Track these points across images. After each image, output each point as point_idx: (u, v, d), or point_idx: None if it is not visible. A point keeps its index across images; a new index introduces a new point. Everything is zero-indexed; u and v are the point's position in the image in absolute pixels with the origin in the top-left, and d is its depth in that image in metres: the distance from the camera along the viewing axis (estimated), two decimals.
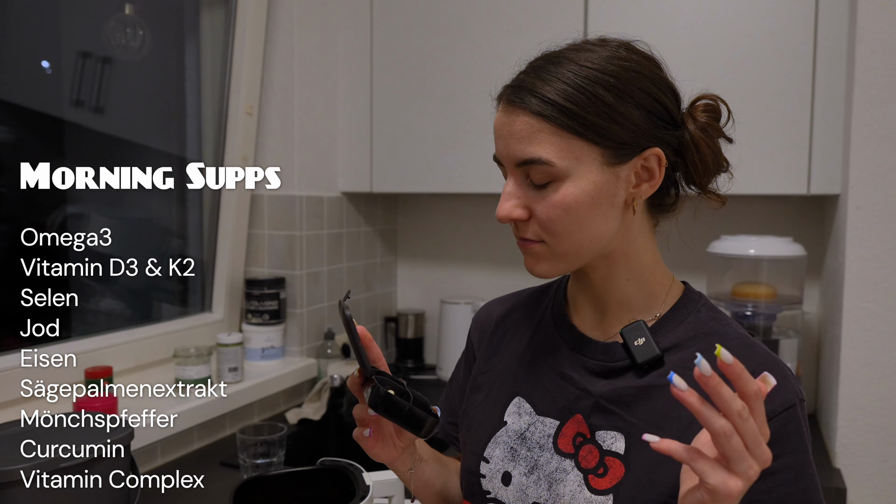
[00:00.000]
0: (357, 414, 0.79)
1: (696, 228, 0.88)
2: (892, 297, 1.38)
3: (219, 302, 1.86)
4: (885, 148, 1.37)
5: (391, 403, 0.72)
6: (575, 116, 0.71)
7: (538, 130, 0.72)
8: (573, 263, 0.77)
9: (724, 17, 1.60)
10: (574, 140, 0.72)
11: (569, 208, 0.72)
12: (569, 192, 0.72)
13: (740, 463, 0.55)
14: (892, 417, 1.39)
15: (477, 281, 2.22)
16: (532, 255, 0.78)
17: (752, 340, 0.77)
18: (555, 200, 0.73)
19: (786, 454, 0.70)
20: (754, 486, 0.69)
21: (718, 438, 0.55)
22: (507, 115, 0.75)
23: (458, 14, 1.85)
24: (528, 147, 0.72)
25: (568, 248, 0.75)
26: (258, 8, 1.80)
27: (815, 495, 0.71)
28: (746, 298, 1.65)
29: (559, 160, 0.72)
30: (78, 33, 1.63)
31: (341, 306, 0.73)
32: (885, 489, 1.40)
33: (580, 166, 0.72)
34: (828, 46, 1.52)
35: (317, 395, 1.76)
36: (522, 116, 0.73)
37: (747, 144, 1.58)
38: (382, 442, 0.81)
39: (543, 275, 0.78)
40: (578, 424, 0.78)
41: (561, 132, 0.71)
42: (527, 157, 0.73)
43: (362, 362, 0.75)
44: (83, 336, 1.53)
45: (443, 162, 1.89)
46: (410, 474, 0.85)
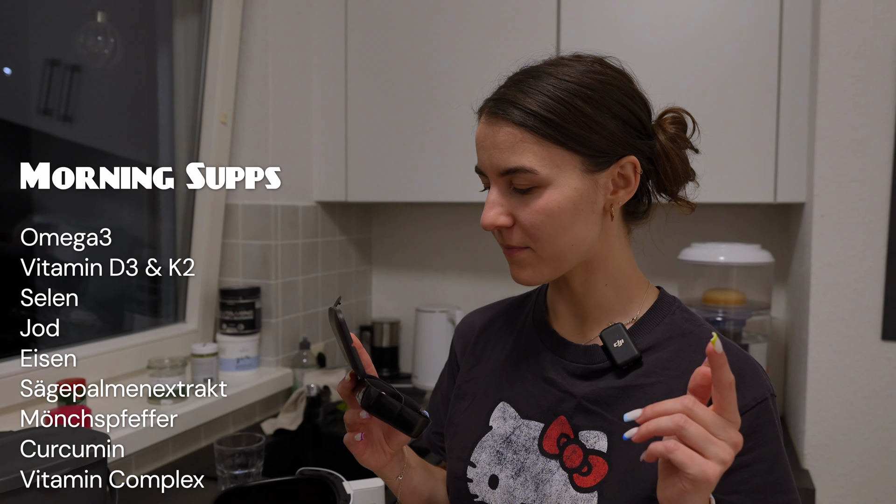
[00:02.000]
0: (348, 419, 0.80)
1: (667, 236, 0.91)
2: (856, 301, 1.42)
3: (192, 312, 1.84)
4: (847, 158, 1.42)
5: (383, 404, 0.74)
6: (556, 126, 0.74)
7: (521, 140, 0.74)
8: (557, 269, 0.79)
9: (692, 32, 1.64)
10: (555, 149, 0.74)
11: (552, 214, 0.75)
12: (552, 199, 0.75)
13: (709, 448, 0.59)
14: (859, 419, 1.43)
15: (452, 289, 2.23)
16: (517, 263, 0.80)
17: (725, 340, 0.81)
18: (538, 206, 0.75)
19: (759, 446, 0.74)
20: (731, 478, 0.72)
21: (678, 432, 0.59)
22: (490, 126, 0.77)
23: (433, 24, 1.87)
24: (511, 156, 0.75)
25: (552, 252, 0.77)
26: (232, 16, 1.79)
27: (788, 484, 0.75)
28: (717, 304, 1.68)
29: (542, 168, 0.74)
30: (46, 41, 1.61)
31: (333, 312, 0.75)
32: (852, 489, 1.44)
33: (562, 174, 0.75)
34: (792, 61, 1.57)
35: (293, 405, 1.74)
36: (506, 127, 0.75)
37: (716, 155, 1.63)
38: (372, 448, 0.82)
39: (529, 282, 0.80)
40: (562, 426, 0.81)
41: (543, 141, 0.74)
42: (510, 165, 0.75)
43: (356, 365, 0.76)
44: (54, 348, 1.50)
45: (417, 171, 1.90)
46: (399, 481, 0.86)
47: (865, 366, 1.42)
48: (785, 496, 0.74)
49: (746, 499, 0.73)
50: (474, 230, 2.19)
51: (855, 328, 1.43)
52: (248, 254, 1.86)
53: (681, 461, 0.58)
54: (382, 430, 0.82)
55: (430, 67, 1.87)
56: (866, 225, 1.41)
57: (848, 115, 1.42)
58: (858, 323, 1.42)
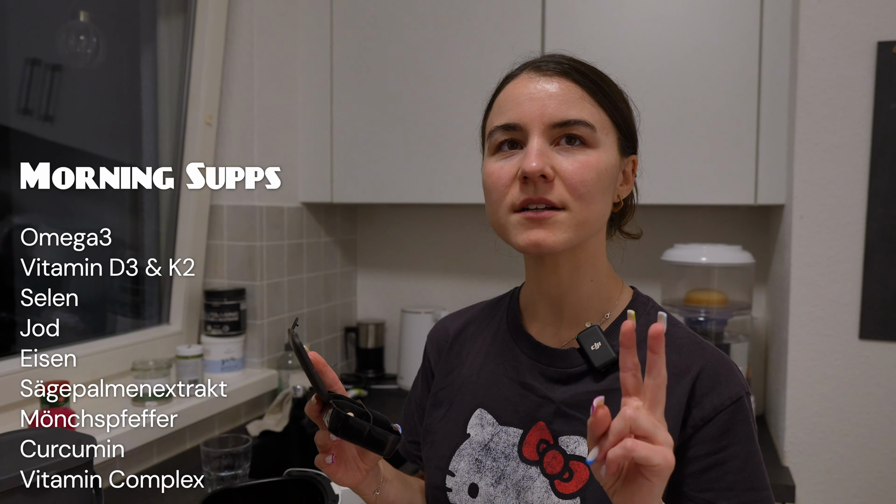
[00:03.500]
0: (319, 440, 0.78)
1: (650, 237, 0.92)
2: (835, 301, 1.45)
3: (177, 314, 1.82)
4: (826, 160, 1.45)
5: (351, 426, 0.72)
6: (607, 95, 0.76)
7: (580, 97, 0.75)
8: (583, 235, 0.76)
9: (674, 35, 1.66)
10: (605, 116, 0.76)
11: (599, 174, 0.74)
12: (601, 159, 0.75)
13: (658, 433, 0.58)
14: (838, 417, 1.46)
15: (437, 290, 2.24)
16: (549, 225, 0.74)
17: (700, 339, 0.81)
18: (589, 163, 0.74)
19: (734, 444, 0.74)
20: (704, 476, 0.73)
21: (631, 424, 0.58)
22: (541, 78, 0.76)
23: (418, 26, 1.87)
24: (571, 109, 0.74)
25: (587, 215, 0.75)
26: (217, 17, 1.79)
27: (760, 481, 0.75)
28: (699, 304, 1.71)
29: (599, 128, 0.75)
30: (27, 40, 1.59)
31: (290, 335, 0.73)
32: (832, 486, 1.47)
33: (607, 141, 0.76)
34: (772, 65, 1.60)
35: (278, 407, 1.74)
36: (564, 81, 0.75)
37: (698, 157, 1.65)
38: (346, 466, 0.79)
39: (554, 247, 0.75)
40: (541, 431, 0.80)
41: (597, 105, 0.75)
42: (571, 117, 0.74)
43: (318, 388, 0.74)
44: (37, 351, 1.48)
45: (403, 172, 1.91)
46: (376, 497, 0.84)
47: (844, 364, 1.45)
48: (757, 493, 0.74)
49: (719, 496, 0.73)
50: (460, 231, 2.20)
51: (833, 327, 1.45)
52: (232, 255, 1.86)
53: (644, 455, 0.57)
54: (356, 448, 0.80)
55: (415, 69, 1.88)
56: (844, 226, 1.44)
57: (827, 118, 1.44)
58: (837, 322, 1.45)
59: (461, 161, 1.83)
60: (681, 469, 0.75)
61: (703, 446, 0.74)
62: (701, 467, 0.74)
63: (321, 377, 0.75)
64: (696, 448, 0.75)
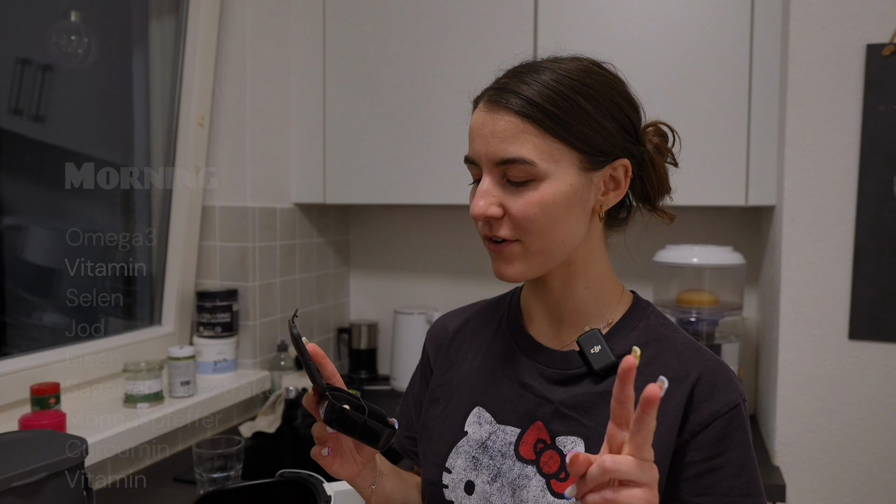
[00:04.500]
0: (316, 432, 0.78)
1: (642, 239, 0.92)
2: (825, 302, 1.46)
3: (169, 315, 1.82)
4: (816, 162, 1.46)
5: (346, 418, 0.73)
6: (557, 120, 0.74)
7: (522, 131, 0.74)
8: (543, 265, 0.78)
9: (665, 37, 1.67)
10: (555, 143, 0.74)
11: (546, 207, 0.74)
12: (547, 192, 0.74)
13: (643, 475, 0.58)
14: (828, 417, 1.47)
15: (430, 291, 2.24)
16: (504, 258, 0.77)
17: (699, 345, 0.82)
18: (533, 199, 0.74)
19: (730, 450, 0.75)
20: (700, 482, 0.74)
21: (615, 474, 0.57)
22: (490, 114, 0.76)
23: (411, 26, 1.87)
24: (510, 146, 0.74)
25: (541, 246, 0.76)
26: (209, 17, 1.78)
27: (754, 488, 0.76)
28: (691, 305, 1.71)
29: (541, 161, 0.73)
30: (17, 40, 1.58)
31: (290, 325, 0.73)
32: (821, 485, 1.48)
33: (559, 168, 0.74)
34: (762, 68, 1.61)
35: (271, 408, 1.74)
36: (507, 116, 0.74)
37: (689, 159, 1.65)
38: (342, 459, 0.80)
39: (514, 277, 0.78)
40: (539, 431, 0.81)
41: (544, 134, 0.74)
42: (509, 156, 0.74)
43: (315, 380, 0.74)
44: (27, 352, 1.48)
45: (395, 173, 1.91)
46: (372, 490, 0.85)
47: (833, 364, 1.46)
48: (751, 499, 0.75)
49: (714, 501, 0.74)
50: (452, 232, 2.20)
51: (824, 328, 1.46)
52: (225, 256, 1.85)
53: (635, 475, 0.57)
54: (353, 441, 0.80)
55: (407, 71, 1.88)
56: (834, 228, 1.45)
57: (816, 120, 1.45)
58: (826, 323, 1.46)
59: (453, 162, 1.83)
60: (677, 473, 0.76)
61: (699, 451, 0.75)
62: (697, 472, 0.75)
63: (320, 369, 0.76)
64: (692, 453, 0.75)
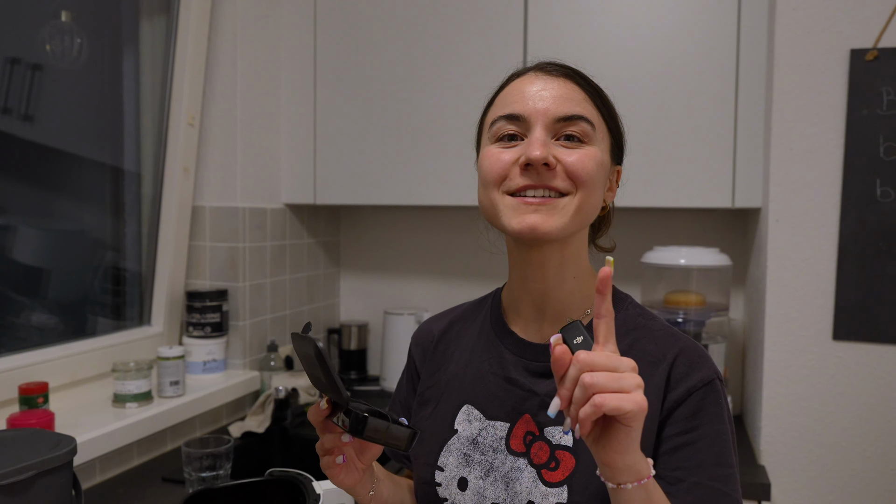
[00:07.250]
0: (328, 444, 0.78)
1: (630, 240, 0.94)
2: (809, 303, 1.48)
3: (158, 315, 1.82)
4: (801, 164, 1.48)
5: (374, 426, 0.73)
6: (606, 103, 0.83)
7: (582, 99, 0.81)
8: (579, 225, 0.80)
9: (653, 42, 1.68)
10: (601, 121, 0.82)
11: (598, 166, 0.80)
12: (597, 154, 0.80)
13: (623, 382, 0.60)
14: (813, 416, 1.49)
15: (420, 292, 2.25)
16: (547, 211, 0.77)
17: (675, 330, 0.85)
18: (589, 154, 0.79)
19: (704, 424, 0.77)
20: (676, 456, 0.76)
21: (592, 390, 0.60)
22: (548, 78, 0.81)
23: (402, 28, 1.88)
24: (575, 106, 0.80)
25: (586, 203, 0.79)
26: (200, 17, 1.79)
27: (727, 458, 0.77)
28: (678, 306, 1.73)
29: (597, 128, 0.81)
30: (7, 39, 1.58)
31: (311, 341, 0.71)
32: (806, 484, 1.49)
33: (603, 143, 0.82)
34: (749, 72, 1.63)
35: (260, 408, 1.74)
36: (569, 83, 0.81)
37: (677, 161, 1.68)
38: (347, 467, 0.80)
39: (553, 232, 0.77)
40: (527, 424, 0.82)
41: (597, 110, 0.82)
42: (574, 112, 0.79)
43: (339, 392, 0.73)
44: (15, 352, 1.47)
45: (386, 174, 1.91)
46: (371, 497, 0.85)
47: (818, 365, 1.48)
48: (723, 469, 0.76)
49: (688, 473, 0.75)
50: (442, 233, 2.21)
51: (808, 328, 1.48)
52: (215, 256, 1.85)
53: (615, 406, 0.59)
54: (354, 448, 0.80)
55: (398, 72, 1.89)
56: (819, 229, 1.47)
57: (801, 123, 1.47)
58: (811, 323, 1.48)
59: (444, 163, 1.84)
60: (655, 449, 0.78)
61: (675, 426, 0.77)
62: (673, 446, 0.77)
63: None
64: (669, 427, 0.77)
